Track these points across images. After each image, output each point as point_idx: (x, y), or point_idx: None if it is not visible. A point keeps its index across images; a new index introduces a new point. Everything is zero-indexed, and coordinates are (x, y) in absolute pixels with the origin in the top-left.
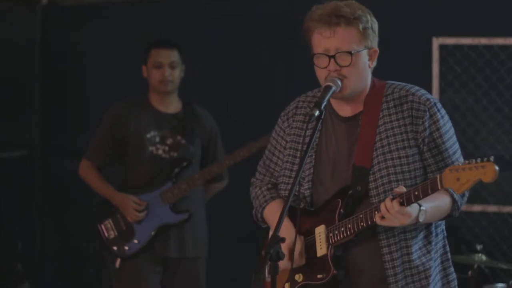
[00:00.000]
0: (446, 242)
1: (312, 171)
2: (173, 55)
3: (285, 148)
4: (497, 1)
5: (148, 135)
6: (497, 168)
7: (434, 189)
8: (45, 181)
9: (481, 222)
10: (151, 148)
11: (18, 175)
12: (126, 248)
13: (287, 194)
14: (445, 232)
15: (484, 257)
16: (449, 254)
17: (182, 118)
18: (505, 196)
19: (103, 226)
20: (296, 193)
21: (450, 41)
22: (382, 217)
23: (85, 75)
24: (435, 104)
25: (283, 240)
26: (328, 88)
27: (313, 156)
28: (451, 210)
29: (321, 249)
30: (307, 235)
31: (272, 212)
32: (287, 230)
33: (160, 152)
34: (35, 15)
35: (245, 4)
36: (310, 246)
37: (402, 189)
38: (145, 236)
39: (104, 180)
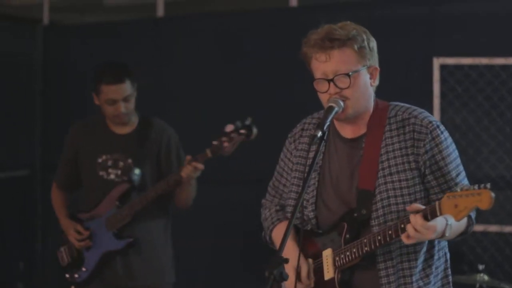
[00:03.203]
0: (448, 265)
1: (315, 193)
2: (125, 89)
3: (291, 170)
4: (498, 21)
5: (99, 160)
6: (493, 195)
7: (434, 216)
8: (47, 200)
9: (483, 241)
10: (101, 173)
11: (20, 194)
12: (76, 276)
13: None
14: (447, 255)
15: (486, 277)
16: (450, 277)
17: (135, 138)
18: (507, 216)
19: (59, 253)
20: (304, 216)
21: (450, 61)
22: (408, 236)
23: (86, 94)
24: (437, 126)
25: (286, 261)
26: (330, 109)
27: (317, 178)
28: (467, 225)
29: (328, 273)
30: (316, 257)
31: (279, 234)
32: (292, 252)
33: (112, 176)
34: (36, 35)
35: (245, 19)
36: (318, 269)
37: (417, 206)
38: (91, 264)
39: (61, 204)
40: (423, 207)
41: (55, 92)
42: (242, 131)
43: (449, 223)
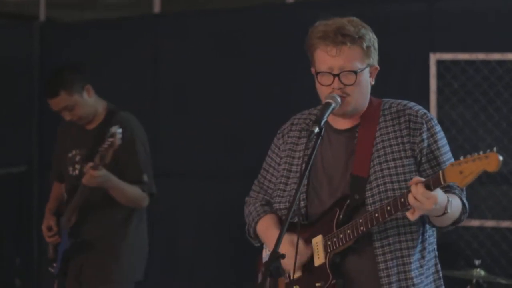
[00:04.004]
0: (438, 261)
1: (306, 182)
2: (62, 101)
3: (279, 165)
4: (494, 16)
5: (70, 154)
6: (501, 157)
7: (437, 185)
8: (44, 197)
9: (479, 237)
10: (69, 168)
11: (17, 191)
12: (53, 270)
13: (281, 207)
14: (436, 251)
15: (482, 272)
16: (440, 273)
17: (97, 133)
18: (503, 211)
19: (48, 247)
20: (294, 207)
21: (447, 56)
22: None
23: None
24: (432, 118)
25: (283, 256)
26: (327, 105)
27: (308, 169)
28: (460, 212)
29: (318, 259)
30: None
31: (265, 226)
32: (285, 247)
33: (77, 172)
34: (33, 32)
35: (242, 16)
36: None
37: (419, 178)
38: (59, 260)
39: (52, 196)
40: (424, 179)
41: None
42: (110, 138)
43: (450, 200)
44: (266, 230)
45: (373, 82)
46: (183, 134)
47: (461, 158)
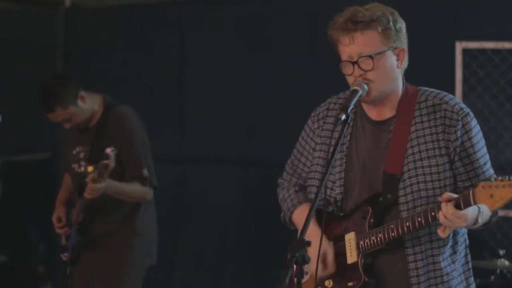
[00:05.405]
0: (468, 251)
1: (343, 175)
2: (59, 115)
3: (314, 150)
4: None
5: (74, 151)
6: None
7: (467, 205)
8: None
9: (504, 227)
10: (73, 165)
11: (42, 177)
12: (64, 258)
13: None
14: (467, 241)
15: (506, 262)
16: (470, 263)
17: (96, 131)
18: None
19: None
20: (327, 197)
21: (473, 45)
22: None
23: (108, 77)
24: (468, 113)
25: (309, 243)
26: (354, 92)
27: (344, 160)
28: (491, 215)
29: (351, 257)
30: (337, 241)
31: (300, 216)
32: (315, 235)
33: (82, 169)
34: (58, 18)
35: (268, 4)
36: (340, 253)
37: (449, 195)
38: (69, 251)
39: (63, 187)
40: (455, 195)
41: (76, 75)
42: (105, 161)
43: (481, 210)
44: (302, 221)
45: (402, 65)
46: (209, 121)
47: (492, 179)
